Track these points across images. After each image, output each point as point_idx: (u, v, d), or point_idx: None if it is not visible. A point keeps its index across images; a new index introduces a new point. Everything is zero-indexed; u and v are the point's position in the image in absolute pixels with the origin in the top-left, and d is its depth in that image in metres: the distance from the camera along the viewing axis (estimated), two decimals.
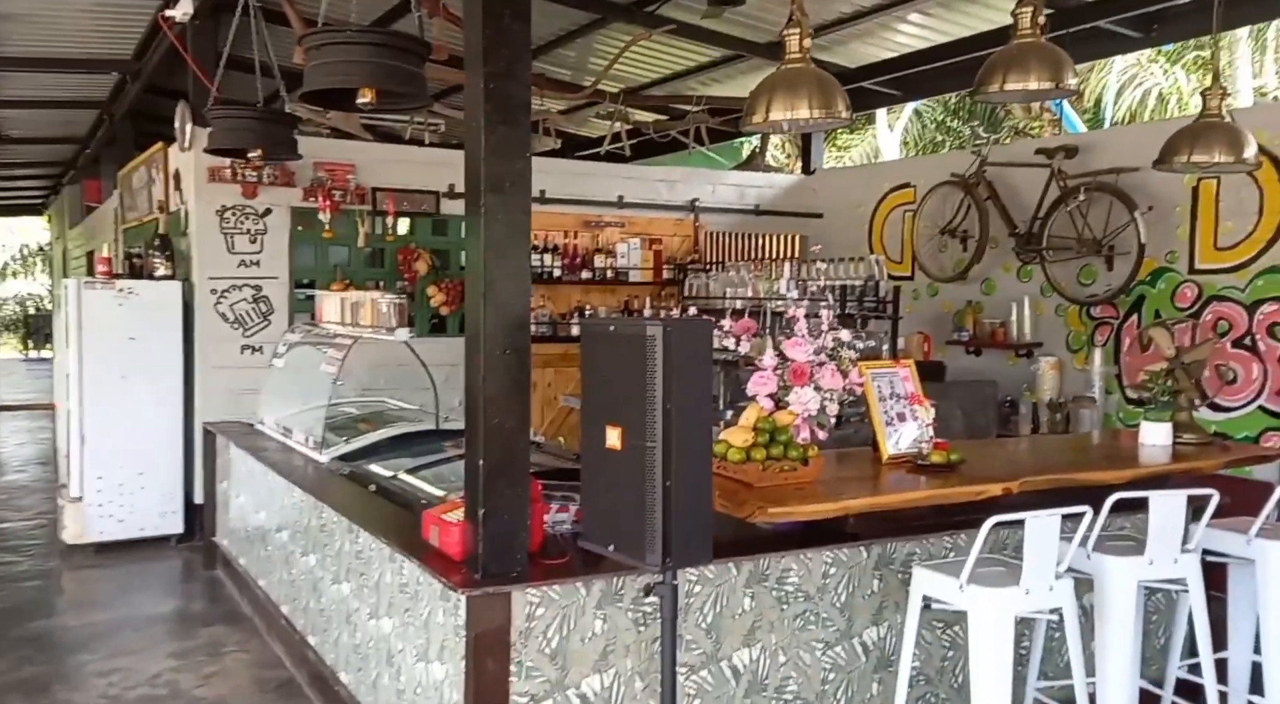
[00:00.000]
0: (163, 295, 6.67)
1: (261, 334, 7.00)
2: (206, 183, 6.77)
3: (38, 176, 17.65)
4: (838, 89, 3.24)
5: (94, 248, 14.16)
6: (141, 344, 6.56)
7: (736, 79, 8.90)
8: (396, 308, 4.96)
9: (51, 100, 10.36)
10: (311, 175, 7.07)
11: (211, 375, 6.83)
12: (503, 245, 2.78)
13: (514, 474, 2.79)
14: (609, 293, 8.07)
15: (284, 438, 5.30)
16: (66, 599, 5.72)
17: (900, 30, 7.34)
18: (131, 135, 10.70)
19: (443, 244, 7.74)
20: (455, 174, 7.79)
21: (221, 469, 6.03)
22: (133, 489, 6.54)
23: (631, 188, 8.20)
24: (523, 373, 2.82)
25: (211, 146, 5.30)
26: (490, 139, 2.75)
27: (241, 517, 5.55)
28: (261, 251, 6.99)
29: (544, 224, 7.81)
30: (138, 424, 6.55)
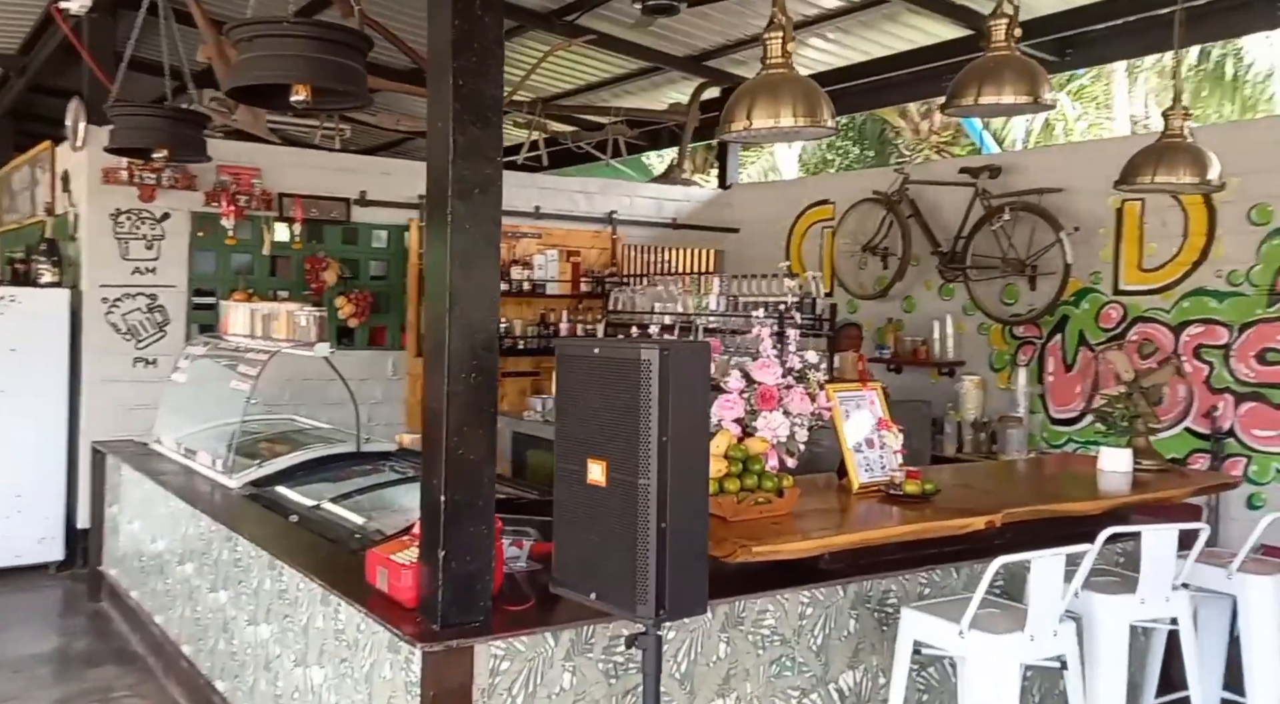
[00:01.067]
0: (48, 304, 6.14)
1: (156, 346, 6.52)
2: (100, 184, 6.27)
3: None
4: (822, 97, 3.10)
5: None
6: (22, 356, 6.02)
7: (652, 92, 8.79)
8: (316, 321, 4.63)
9: None
10: (214, 179, 6.63)
11: (100, 390, 6.32)
12: (470, 256, 2.55)
13: (479, 511, 2.54)
14: (525, 305, 7.82)
15: (187, 459, 4.90)
16: None
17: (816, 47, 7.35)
18: (10, 135, 9.96)
19: (352, 253, 7.37)
20: (366, 180, 7.50)
21: (111, 492, 5.56)
22: (7, 513, 5.99)
23: (548, 198, 7.98)
24: (490, 398, 2.59)
25: (113, 146, 4.88)
26: (460, 141, 2.51)
27: (135, 545, 5.10)
28: (158, 258, 6.52)
29: None
30: (16, 443, 6.01)
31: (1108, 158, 6.09)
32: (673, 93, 8.67)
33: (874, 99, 8.43)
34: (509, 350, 7.62)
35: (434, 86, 2.61)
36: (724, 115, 3.20)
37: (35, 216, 7.68)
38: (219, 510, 4.03)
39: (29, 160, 7.83)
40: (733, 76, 8.22)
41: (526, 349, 7.70)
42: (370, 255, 7.41)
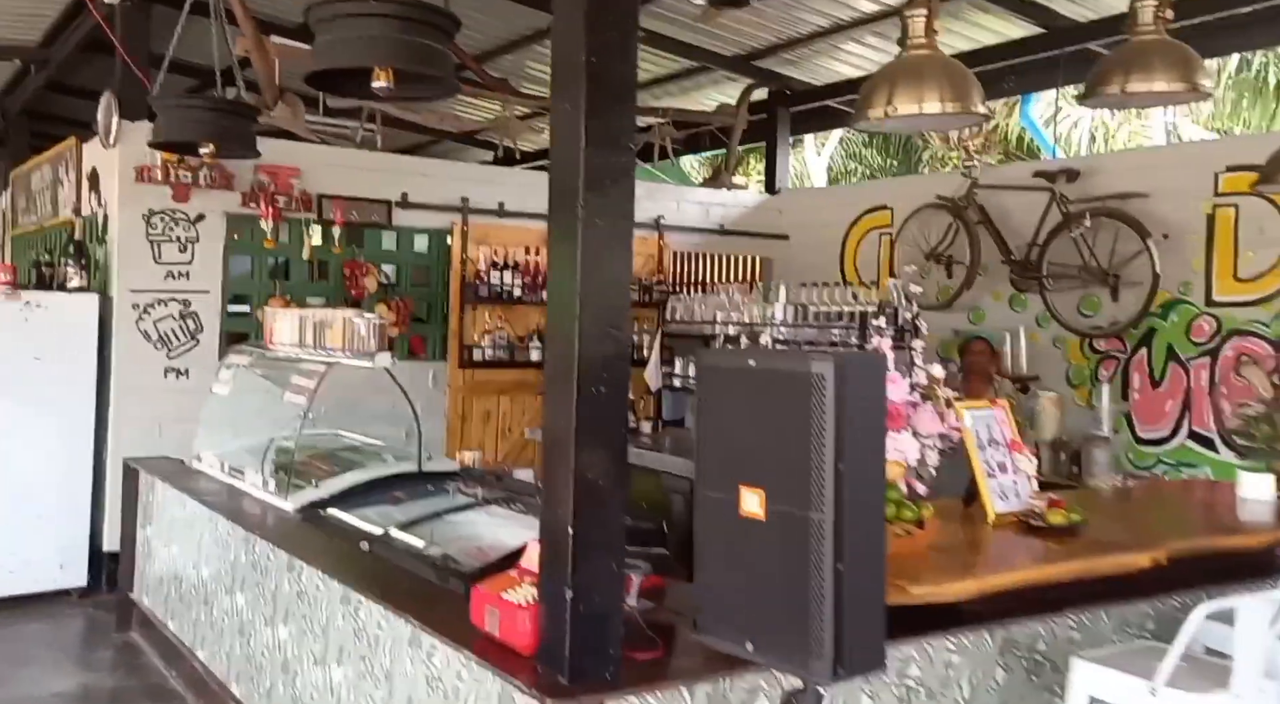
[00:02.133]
0: (76, 310, 5.80)
1: (188, 356, 6.19)
2: (133, 184, 5.95)
3: None
4: (971, 80, 2.77)
5: None
6: (47, 365, 5.68)
7: (695, 93, 8.48)
8: (376, 329, 4.30)
9: None
10: (252, 178, 6.31)
11: (129, 402, 5.99)
12: (601, 256, 2.22)
13: (609, 545, 2.21)
14: None
15: (232, 478, 4.55)
16: None
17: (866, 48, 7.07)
18: (25, 134, 9.65)
19: (393, 258, 7.04)
20: (407, 182, 7.17)
21: (144, 512, 5.22)
22: (27, 534, 5.63)
23: None
24: (620, 415, 2.26)
25: (158, 140, 4.56)
26: (592, 126, 2.19)
27: (173, 571, 4.75)
28: (192, 262, 6.19)
29: (503, 239, 7.20)
30: (39, 458, 5.66)
31: (1197, 160, 5.80)
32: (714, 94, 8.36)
33: None
34: None
35: (562, 66, 2.30)
36: (861, 101, 2.87)
37: (57, 217, 7.36)
38: (277, 535, 3.69)
39: (50, 159, 7.51)
40: (782, 77, 7.92)
41: None
42: (411, 261, 7.08)
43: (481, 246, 7.11)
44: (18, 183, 8.86)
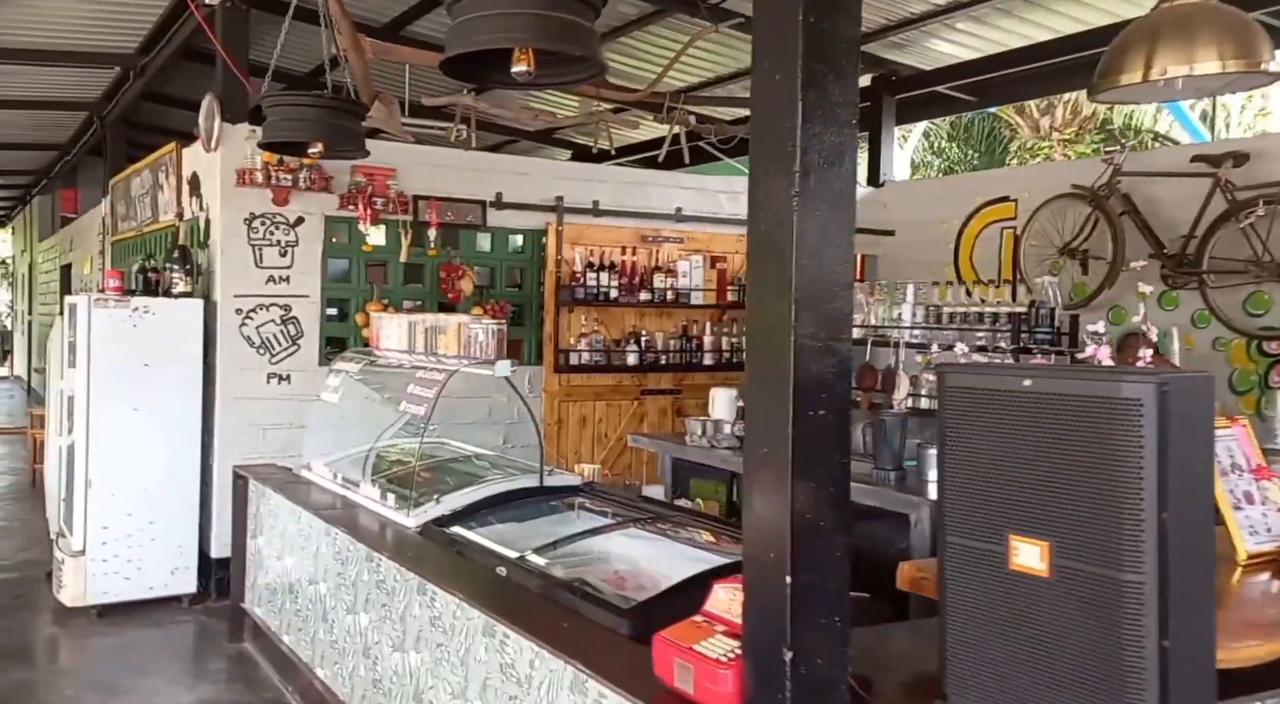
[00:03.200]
0: (181, 315, 5.76)
1: (290, 361, 6.11)
2: (234, 187, 5.88)
3: (5, 186, 16.55)
4: (1256, 31, 2.36)
5: (71, 261, 13.14)
6: (155, 371, 5.64)
7: None
8: (495, 335, 4.13)
9: (38, 100, 9.42)
10: (349, 180, 6.21)
11: (232, 408, 5.93)
12: (821, 252, 1.94)
13: (832, 597, 1.95)
14: (665, 316, 7.27)
15: (345, 489, 4.43)
16: (72, 681, 4.77)
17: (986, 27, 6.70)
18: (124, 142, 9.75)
19: (488, 260, 6.90)
20: (502, 181, 7.01)
21: (253, 521, 5.13)
22: (142, 541, 5.61)
23: (690, 199, 7.43)
24: (844, 443, 1.99)
25: (267, 140, 4.44)
26: (810, 97, 1.91)
27: (286, 584, 4.65)
28: (292, 266, 6.11)
29: (598, 239, 7.01)
30: (150, 465, 5.63)
31: None
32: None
33: (1011, 92, 7.75)
34: (650, 366, 7.09)
35: (770, 26, 1.98)
36: (1105, 66, 2.47)
37: (157, 222, 7.37)
38: (402, 554, 3.53)
39: (150, 164, 7.53)
40: (888, 62, 7.60)
41: (669, 364, 7.15)
42: (506, 262, 6.93)
43: (576, 247, 6.94)
44: (117, 189, 8.93)
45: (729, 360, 7.29)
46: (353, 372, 4.87)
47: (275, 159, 5.86)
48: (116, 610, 5.51)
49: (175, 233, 6.42)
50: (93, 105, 9.62)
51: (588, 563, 3.26)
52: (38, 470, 9.00)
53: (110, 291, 5.74)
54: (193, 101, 9.61)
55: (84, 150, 11.72)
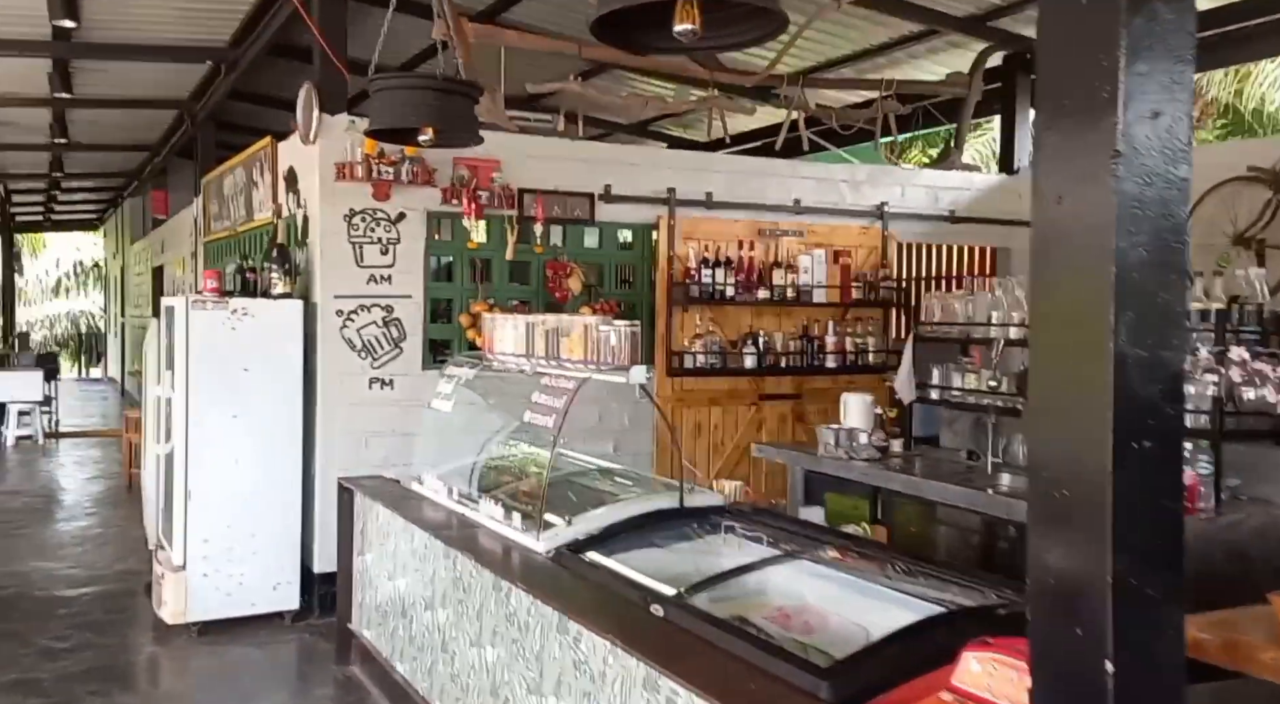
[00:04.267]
0: (281, 317, 5.46)
1: (392, 365, 5.79)
2: (333, 182, 5.57)
3: (97, 189, 16.76)
4: None
5: (163, 263, 13.15)
6: (256, 377, 5.36)
7: (926, 60, 7.64)
8: (629, 338, 3.71)
9: (129, 99, 9.30)
10: (452, 173, 5.86)
11: (334, 415, 5.63)
12: (1153, 225, 1.46)
13: (1165, 687, 1.48)
14: (783, 316, 6.79)
15: (463, 507, 4.05)
16: None
17: None
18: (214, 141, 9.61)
19: (596, 256, 6.50)
20: (611, 172, 6.61)
21: (361, 537, 4.80)
22: (243, 555, 5.33)
23: (809, 189, 6.93)
24: (1176, 485, 1.51)
25: (375, 127, 4.08)
26: (1137, 25, 1.43)
27: (399, 607, 4.30)
28: (394, 264, 5.79)
29: (712, 233, 6.56)
30: (251, 475, 5.35)
31: None
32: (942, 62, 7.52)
33: None
34: (770, 369, 6.61)
35: None
36: None
37: (251, 221, 7.14)
38: (536, 585, 3.13)
39: (244, 160, 7.30)
40: (1023, 39, 7.01)
41: (789, 368, 6.66)
42: (615, 259, 6.52)
43: (689, 242, 6.49)
44: (209, 188, 8.77)
45: (853, 362, 6.78)
46: (465, 378, 4.49)
47: (376, 151, 5.53)
48: (217, 628, 5.24)
49: (273, 231, 6.15)
50: (183, 103, 9.50)
51: (757, 602, 2.81)
52: (133, 475, 8.89)
53: (208, 293, 5.47)
54: (282, 99, 9.47)
55: (174, 151, 11.68)
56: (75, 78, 8.24)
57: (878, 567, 3.02)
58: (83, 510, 8.35)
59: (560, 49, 6.22)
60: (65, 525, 7.74)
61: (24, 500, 8.72)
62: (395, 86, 4.00)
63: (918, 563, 3.02)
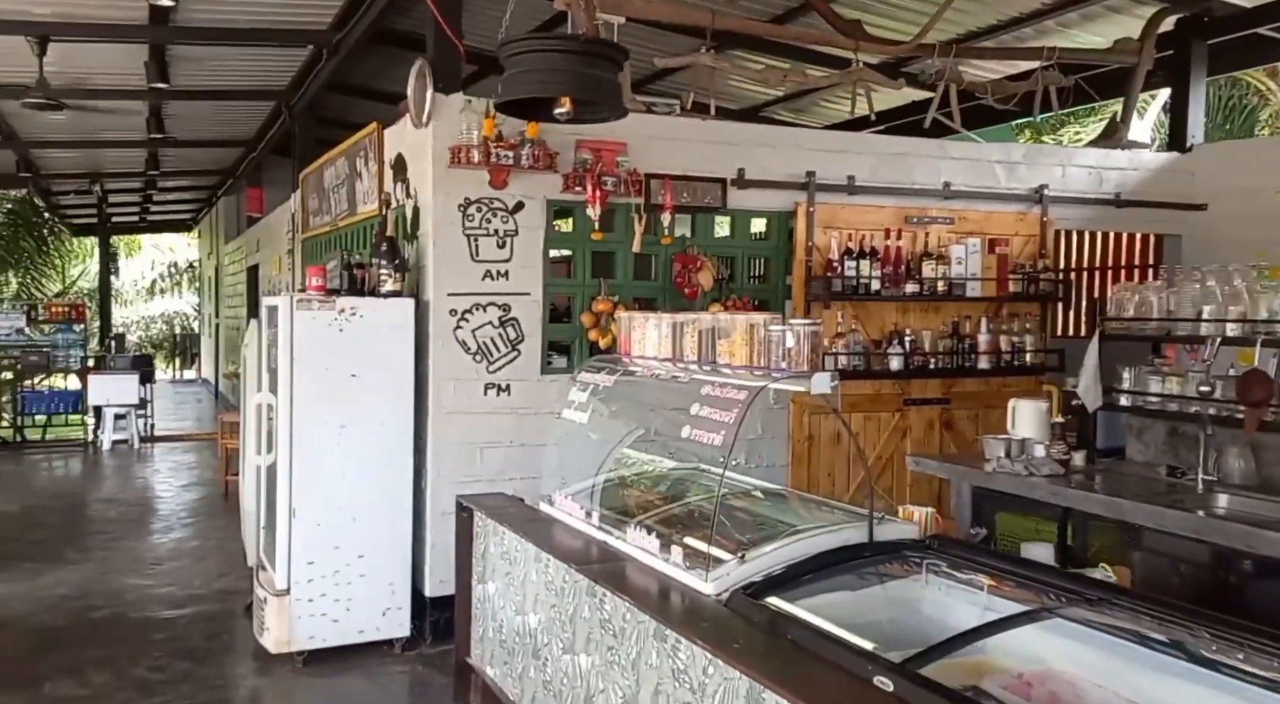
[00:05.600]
0: (391, 317, 4.99)
1: (509, 369, 5.29)
2: (447, 168, 5.08)
3: (192, 188, 16.75)
4: None
5: (258, 262, 12.95)
6: (364, 382, 4.90)
7: (1077, 29, 6.86)
8: (808, 339, 3.12)
9: (225, 90, 9.00)
10: (573, 158, 5.33)
11: (446, 424, 5.15)
12: None
13: None
14: (931, 312, 6.10)
15: (605, 535, 3.50)
16: None
17: None
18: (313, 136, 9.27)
19: (728, 248, 5.92)
20: (745, 155, 5.97)
21: (482, 563, 4.28)
22: (350, 578, 4.88)
23: (960, 172, 6.24)
24: None
25: (506, 97, 3.55)
26: None
27: (530, 647, 3.76)
28: (511, 259, 5.28)
29: (854, 220, 5.92)
30: (357, 490, 4.89)
31: None
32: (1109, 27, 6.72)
33: None
34: (917, 371, 5.93)
35: None
36: None
37: (354, 214, 6.72)
38: (717, 641, 2.55)
39: (346, 150, 6.89)
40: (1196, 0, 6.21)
41: (938, 369, 5.98)
42: (748, 250, 5.93)
43: (829, 231, 5.86)
44: (307, 182, 8.42)
45: (1009, 363, 6.07)
46: (602, 386, 3.93)
47: (494, 133, 5.03)
48: (323, 657, 4.80)
49: (382, 223, 5.69)
50: (280, 94, 9.18)
51: (985, 663, 2.19)
52: (229, 482, 8.61)
53: (312, 291, 5.02)
54: (382, 91, 9.10)
55: (269, 146, 11.43)
56: (172, 68, 7.94)
57: (1134, 618, 2.37)
58: (179, 521, 8.06)
59: (690, 20, 5.64)
60: (161, 538, 7.43)
61: (119, 509, 8.47)
62: (532, 50, 3.46)
63: (1202, 620, 2.35)
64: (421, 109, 5.09)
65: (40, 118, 9.35)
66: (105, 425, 12.00)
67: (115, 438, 11.98)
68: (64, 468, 10.98)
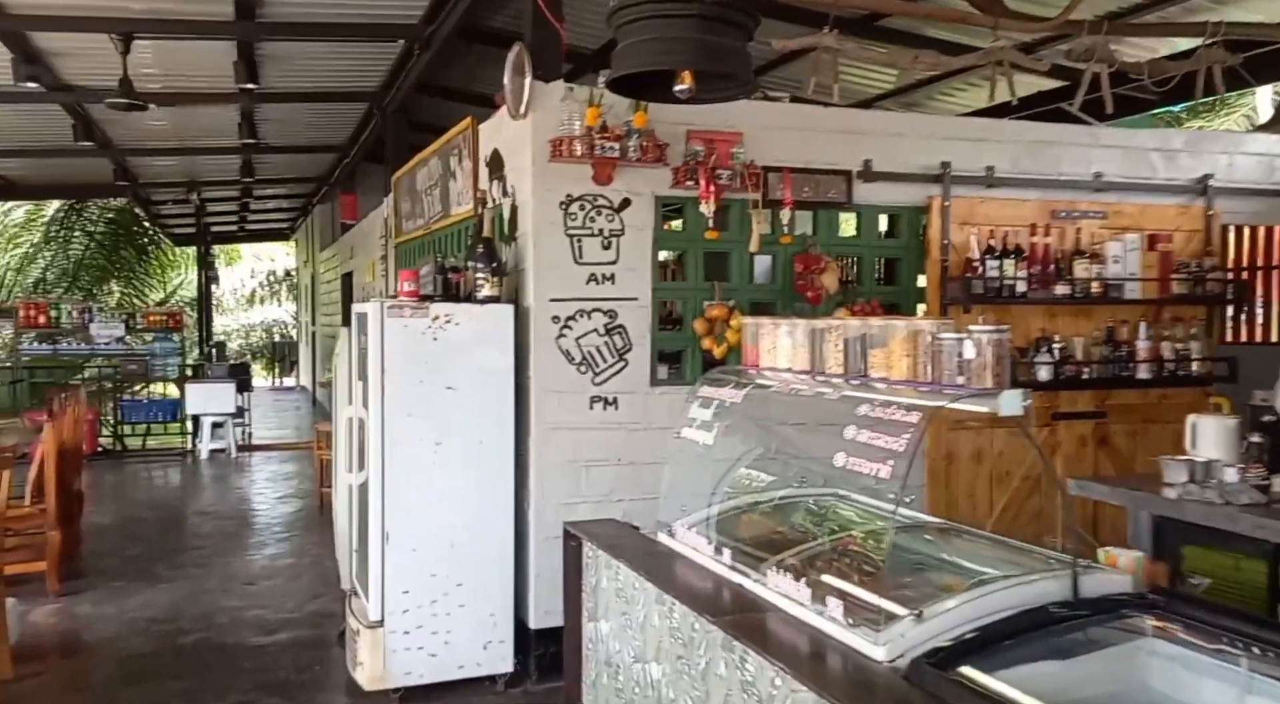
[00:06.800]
0: (489, 325, 4.60)
1: (616, 380, 4.85)
2: (547, 162, 4.67)
3: (288, 196, 16.83)
4: None
5: (352, 269, 12.84)
6: (462, 395, 4.52)
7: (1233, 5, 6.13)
8: (992, 346, 2.61)
9: (315, 93, 8.80)
10: (684, 150, 4.87)
11: (549, 440, 4.73)
12: None
13: None
14: (1082, 317, 5.46)
15: (737, 574, 3.01)
16: None
17: None
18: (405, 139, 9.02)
19: (852, 247, 5.39)
20: (872, 146, 5.30)
21: (594, 599, 3.84)
22: (449, 608, 4.49)
23: (1113, 161, 5.59)
24: None
25: (621, 72, 3.10)
26: None
27: (653, 700, 3.30)
28: (617, 261, 4.85)
29: (993, 216, 5.33)
30: (455, 512, 4.51)
31: None
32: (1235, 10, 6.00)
33: None
34: (1067, 381, 5.31)
35: None
36: None
37: (448, 216, 6.38)
38: None
39: (439, 149, 6.56)
40: None
41: (1091, 379, 5.34)
42: (874, 250, 5.39)
43: (966, 227, 5.28)
44: (400, 186, 8.15)
45: (1172, 373, 5.39)
46: (729, 401, 3.45)
47: (598, 123, 4.61)
48: (421, 694, 4.42)
49: (477, 224, 5.31)
50: (371, 95, 8.95)
51: None
52: (324, 494, 8.37)
53: (404, 297, 4.66)
54: (471, 93, 8.82)
55: (362, 152, 11.28)
56: (261, 68, 7.74)
57: None
58: (273, 536, 7.83)
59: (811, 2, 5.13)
60: (255, 554, 7.19)
61: (215, 523, 8.30)
62: (650, 16, 3.00)
63: None
64: (519, 99, 4.69)
65: (134, 123, 9.30)
66: (203, 434, 11.98)
67: (213, 446, 11.95)
68: (162, 477, 10.95)
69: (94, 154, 10.40)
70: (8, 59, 6.91)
